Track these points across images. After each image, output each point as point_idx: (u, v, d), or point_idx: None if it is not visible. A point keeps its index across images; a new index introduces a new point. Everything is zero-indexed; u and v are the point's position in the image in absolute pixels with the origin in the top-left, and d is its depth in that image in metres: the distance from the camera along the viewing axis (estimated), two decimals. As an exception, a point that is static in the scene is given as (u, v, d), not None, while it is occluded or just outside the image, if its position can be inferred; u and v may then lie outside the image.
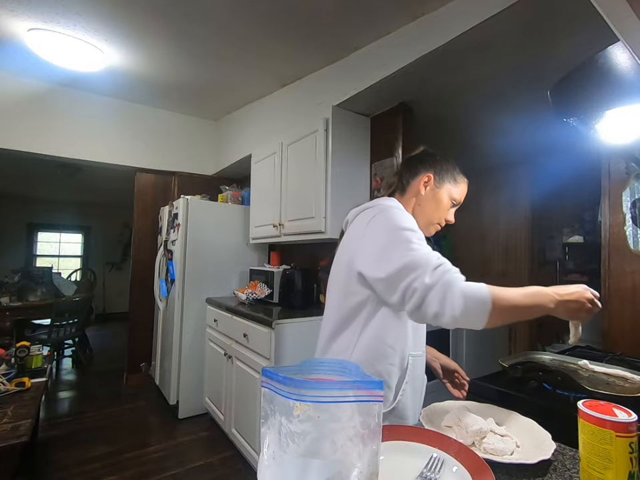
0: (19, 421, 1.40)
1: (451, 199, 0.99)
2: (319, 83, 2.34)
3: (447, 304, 0.67)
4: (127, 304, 3.52)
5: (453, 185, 0.99)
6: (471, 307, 0.67)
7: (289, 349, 1.91)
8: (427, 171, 0.99)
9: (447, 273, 0.71)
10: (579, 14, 1.33)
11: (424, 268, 0.71)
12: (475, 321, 0.68)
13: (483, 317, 0.67)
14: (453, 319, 0.67)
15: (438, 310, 0.68)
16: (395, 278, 0.73)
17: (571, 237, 3.05)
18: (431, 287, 0.69)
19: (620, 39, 0.60)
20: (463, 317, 0.67)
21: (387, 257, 0.77)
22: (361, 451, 0.45)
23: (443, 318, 0.68)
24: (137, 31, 2.09)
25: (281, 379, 0.46)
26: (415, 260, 0.73)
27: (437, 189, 0.98)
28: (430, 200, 0.98)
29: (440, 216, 0.99)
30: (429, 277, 0.70)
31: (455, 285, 0.69)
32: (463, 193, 1.02)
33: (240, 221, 3.04)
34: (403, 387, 0.89)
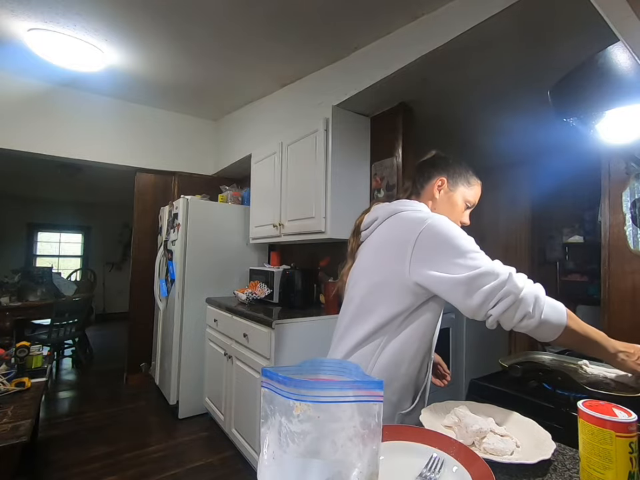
0: (18, 420, 1.40)
1: (465, 202, 1.00)
2: (319, 83, 2.34)
3: (537, 307, 0.71)
4: (126, 304, 3.52)
5: (466, 188, 1.00)
6: (554, 316, 0.72)
7: (289, 349, 1.91)
8: (440, 175, 0.99)
9: (529, 280, 0.76)
10: (578, 14, 1.33)
11: (508, 274, 0.73)
12: (551, 331, 0.73)
13: (559, 329, 0.73)
14: (540, 322, 0.71)
15: (528, 311, 0.71)
16: (477, 282, 0.73)
17: (571, 237, 3.05)
18: (522, 290, 0.72)
19: (620, 39, 0.60)
20: (546, 324, 0.72)
21: (460, 262, 0.76)
22: (361, 451, 0.45)
23: (530, 319, 0.71)
24: (136, 31, 2.09)
25: (281, 379, 0.46)
26: (494, 266, 0.75)
27: (451, 192, 0.99)
28: (445, 203, 0.99)
29: (455, 219, 0.98)
30: (520, 282, 0.73)
31: (542, 291, 0.74)
32: (477, 195, 1.03)
33: (240, 221, 3.04)
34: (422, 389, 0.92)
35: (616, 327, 1.60)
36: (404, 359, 0.85)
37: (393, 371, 0.84)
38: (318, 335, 2.01)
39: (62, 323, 3.52)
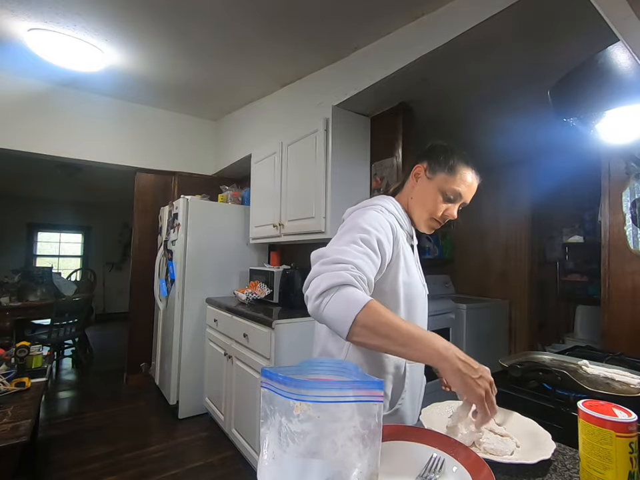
0: (18, 420, 1.40)
1: (446, 190, 0.89)
2: (319, 83, 2.34)
3: (325, 293, 0.64)
4: (127, 304, 3.52)
5: (447, 175, 0.89)
6: (341, 302, 0.63)
7: (288, 349, 1.91)
8: (421, 162, 0.94)
9: (343, 271, 0.66)
10: (578, 14, 1.33)
11: (328, 257, 0.70)
12: (339, 319, 0.63)
13: (348, 318, 0.62)
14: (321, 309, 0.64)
15: (308, 293, 0.67)
16: (313, 259, 0.74)
17: (571, 237, 3.05)
18: (318, 273, 0.68)
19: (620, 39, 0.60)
20: (329, 309, 0.63)
21: (331, 243, 0.78)
22: (361, 451, 0.45)
23: (308, 302, 0.67)
24: (136, 30, 2.09)
25: (281, 379, 0.46)
26: (330, 251, 0.72)
27: (428, 180, 0.92)
28: (421, 192, 0.92)
29: (434, 209, 0.91)
30: (322, 265, 0.69)
31: (341, 279, 0.64)
32: (465, 186, 0.90)
33: (240, 221, 3.04)
34: (402, 395, 0.88)
35: (616, 327, 1.60)
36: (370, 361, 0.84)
37: None
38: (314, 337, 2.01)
39: (62, 323, 3.52)
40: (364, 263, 0.71)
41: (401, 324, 0.63)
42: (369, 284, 0.71)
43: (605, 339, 1.64)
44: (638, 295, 1.53)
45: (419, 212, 0.94)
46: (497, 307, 3.10)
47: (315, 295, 0.65)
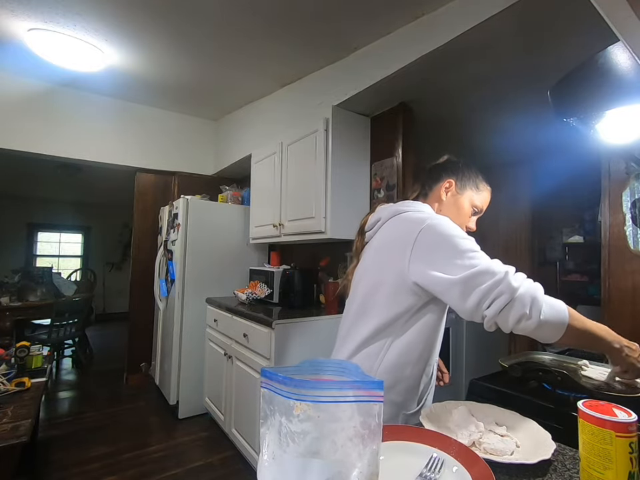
0: (18, 420, 1.40)
1: (473, 206, 0.99)
2: (319, 83, 2.34)
3: (535, 307, 0.68)
4: (127, 304, 3.52)
5: (474, 192, 0.99)
6: (554, 316, 0.69)
7: (288, 349, 1.91)
8: (449, 177, 0.99)
9: (528, 279, 0.72)
10: (578, 14, 1.33)
11: (504, 272, 0.70)
12: (553, 331, 0.70)
13: (561, 329, 0.70)
14: (539, 323, 0.68)
15: (524, 312, 0.68)
16: (472, 282, 0.71)
17: (571, 237, 3.05)
18: (517, 290, 0.69)
19: (620, 39, 0.60)
20: (546, 324, 0.69)
21: (457, 261, 0.74)
22: (361, 451, 0.45)
23: (528, 321, 0.68)
24: (136, 31, 2.09)
25: (281, 379, 0.46)
26: (491, 265, 0.72)
27: (458, 195, 0.98)
28: (451, 206, 0.98)
29: (461, 222, 0.98)
30: (514, 281, 0.69)
31: (540, 290, 0.71)
32: (485, 201, 1.01)
33: (240, 221, 3.04)
34: (428, 391, 0.92)
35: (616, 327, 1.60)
36: (409, 360, 0.85)
37: (399, 372, 0.85)
38: (318, 335, 2.01)
39: (62, 323, 3.52)
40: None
41: (591, 327, 0.74)
42: None
43: (605, 339, 1.64)
44: (638, 295, 1.52)
45: None
46: (497, 307, 3.09)
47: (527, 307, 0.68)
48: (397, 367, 0.84)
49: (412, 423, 0.85)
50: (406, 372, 0.85)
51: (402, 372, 0.85)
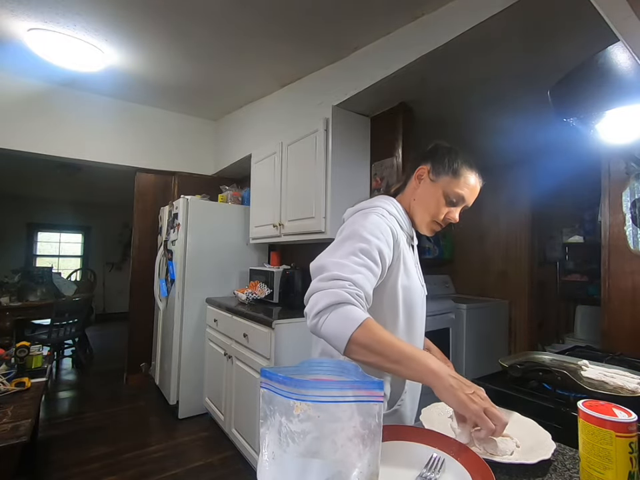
0: (18, 420, 1.40)
1: (446, 195, 0.88)
2: (319, 83, 2.34)
3: (323, 311, 0.65)
4: (127, 304, 3.52)
5: (451, 178, 0.88)
6: (338, 324, 0.64)
7: (288, 349, 1.91)
8: (424, 164, 0.92)
9: (340, 289, 0.66)
10: (578, 14, 1.33)
11: (327, 272, 0.69)
12: (335, 340, 0.65)
13: (344, 336, 0.63)
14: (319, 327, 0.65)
15: (307, 310, 0.68)
16: (312, 278, 0.73)
17: (571, 237, 3.05)
18: (317, 289, 0.68)
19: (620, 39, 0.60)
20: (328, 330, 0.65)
21: (321, 256, 0.76)
22: (361, 451, 0.45)
23: (307, 319, 0.68)
24: (136, 31, 2.09)
25: (281, 379, 0.46)
26: (328, 264, 0.71)
27: (431, 182, 0.90)
28: (425, 194, 0.91)
29: (435, 212, 0.90)
30: (320, 281, 0.69)
31: (338, 297, 0.65)
32: (468, 189, 0.89)
33: (240, 221, 3.04)
34: (402, 397, 0.87)
35: (616, 327, 1.60)
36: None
37: None
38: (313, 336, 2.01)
39: (62, 323, 3.52)
40: (363, 277, 0.71)
41: (394, 342, 0.65)
42: (367, 299, 0.71)
43: (605, 339, 1.64)
44: (638, 295, 1.53)
45: (421, 214, 0.92)
46: (497, 307, 3.10)
47: (313, 313, 0.66)
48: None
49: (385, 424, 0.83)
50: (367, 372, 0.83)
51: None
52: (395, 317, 0.85)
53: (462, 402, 0.60)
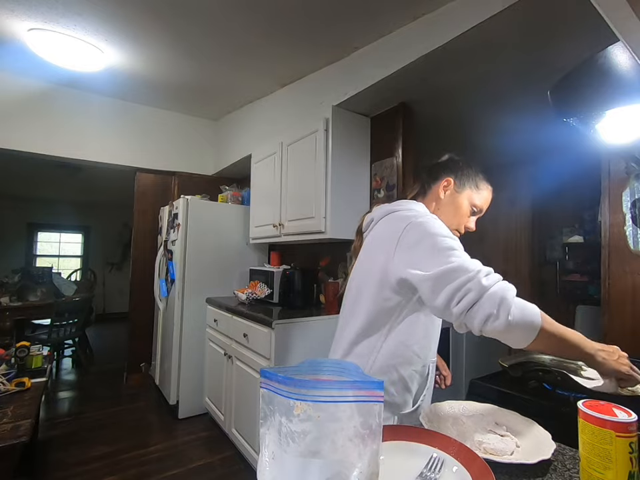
0: (18, 421, 1.40)
1: (472, 205, 0.97)
2: (319, 83, 2.34)
3: (503, 307, 0.65)
4: (127, 304, 3.52)
5: (474, 191, 0.97)
6: (525, 319, 0.65)
7: (288, 349, 1.91)
8: (448, 175, 0.98)
9: (501, 280, 0.70)
10: (578, 14, 1.33)
11: (476, 271, 0.69)
12: (523, 335, 0.66)
13: (532, 333, 0.66)
14: (507, 324, 0.64)
15: (492, 312, 0.65)
16: (444, 278, 0.70)
17: (571, 237, 3.05)
18: (488, 289, 0.67)
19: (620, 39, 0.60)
20: (516, 326, 0.65)
21: (434, 258, 0.74)
22: (361, 451, 0.45)
23: (496, 321, 0.65)
24: (136, 31, 2.09)
25: (281, 379, 0.46)
26: (465, 263, 0.71)
27: (456, 194, 0.97)
28: (449, 205, 0.97)
29: (459, 222, 0.97)
30: (485, 280, 0.68)
31: (511, 292, 0.68)
32: (485, 201, 0.99)
33: (240, 221, 3.04)
34: (424, 392, 0.91)
35: (616, 327, 1.60)
36: (402, 361, 0.85)
37: (392, 373, 0.84)
38: (318, 335, 2.01)
39: (62, 323, 3.52)
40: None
41: (563, 332, 0.70)
42: None
43: (605, 339, 1.64)
44: (638, 295, 1.52)
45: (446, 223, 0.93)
46: (497, 307, 3.09)
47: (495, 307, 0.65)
48: (390, 367, 0.84)
49: (407, 423, 0.85)
50: (399, 372, 0.85)
51: (395, 372, 0.84)
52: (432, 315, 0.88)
53: (614, 369, 0.72)
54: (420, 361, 0.88)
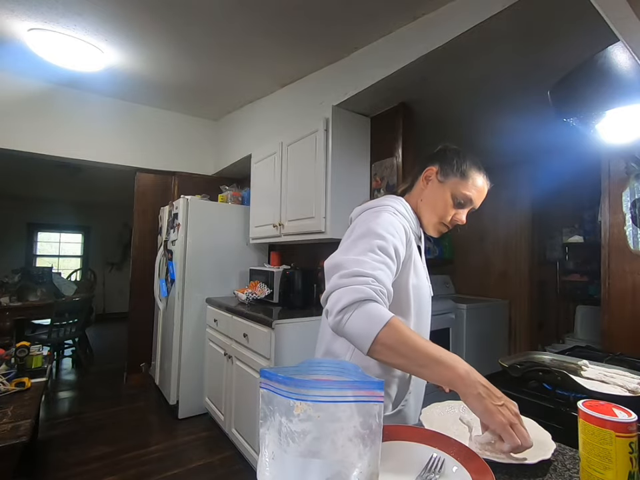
0: (19, 421, 1.40)
1: (454, 196, 0.89)
2: (319, 83, 2.34)
3: (347, 308, 0.63)
4: (126, 304, 3.52)
5: (459, 179, 0.89)
6: (363, 322, 0.62)
7: (288, 349, 1.91)
8: (432, 165, 0.93)
9: (364, 285, 0.64)
10: (578, 14, 1.33)
11: (347, 270, 0.67)
12: (359, 339, 0.63)
13: (369, 336, 0.61)
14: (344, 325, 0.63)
15: (328, 307, 0.66)
16: (327, 276, 0.71)
17: (570, 237, 3.05)
18: (339, 286, 0.65)
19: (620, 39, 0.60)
20: (350, 325, 0.62)
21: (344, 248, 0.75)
22: (361, 451, 0.45)
23: (329, 316, 0.65)
24: (136, 31, 2.09)
25: (281, 379, 0.46)
26: (347, 261, 0.69)
27: (439, 183, 0.90)
28: (432, 195, 0.91)
29: (442, 214, 0.90)
30: (341, 277, 0.66)
31: (362, 294, 0.63)
32: (476, 191, 0.90)
33: (240, 221, 3.04)
34: (405, 397, 0.87)
35: (616, 327, 1.60)
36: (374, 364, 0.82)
37: None
38: (318, 335, 2.01)
39: (62, 323, 3.52)
40: (383, 274, 0.69)
41: (422, 344, 0.62)
42: (389, 295, 0.70)
43: (605, 339, 1.64)
44: (638, 295, 1.52)
45: (428, 215, 0.92)
46: (497, 307, 3.10)
47: (336, 310, 0.64)
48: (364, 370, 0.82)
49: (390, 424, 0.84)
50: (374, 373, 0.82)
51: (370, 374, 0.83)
52: (406, 316, 0.84)
53: (488, 411, 0.58)
54: None
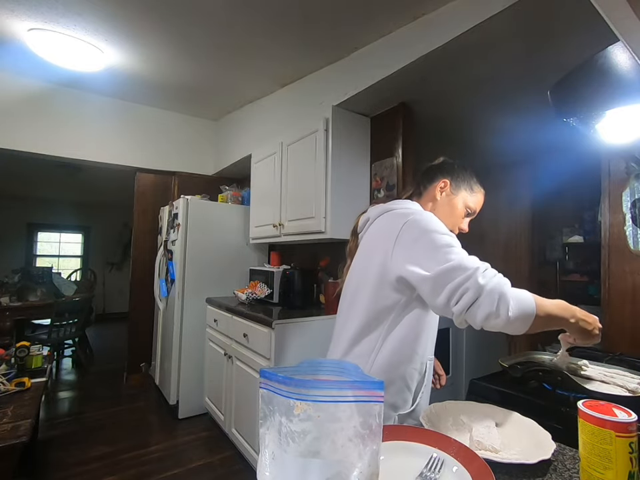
0: (18, 420, 1.40)
1: (466, 207, 1.00)
2: (319, 83, 2.33)
3: (502, 304, 0.67)
4: (127, 304, 3.52)
5: (469, 193, 1.00)
6: (523, 311, 0.68)
7: (288, 349, 1.91)
8: (444, 177, 1.00)
9: (497, 276, 0.71)
10: (579, 14, 1.33)
11: (474, 269, 0.70)
12: (521, 325, 0.69)
13: (528, 322, 0.68)
14: (507, 320, 0.66)
15: (492, 310, 0.67)
16: (443, 278, 0.71)
17: (570, 237, 3.05)
18: (485, 287, 0.68)
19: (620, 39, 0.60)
20: (516, 320, 0.67)
21: (433, 256, 0.75)
22: (361, 451, 0.45)
23: (496, 319, 0.67)
24: (136, 31, 2.09)
25: (281, 379, 0.46)
26: (462, 261, 0.72)
27: (452, 195, 0.99)
28: (445, 206, 0.99)
29: (454, 223, 0.99)
30: (482, 278, 0.69)
31: (507, 287, 0.69)
32: (479, 203, 1.03)
33: (240, 221, 3.04)
34: (422, 389, 0.91)
35: (616, 327, 1.60)
36: (402, 359, 0.85)
37: (392, 372, 0.84)
38: (318, 335, 2.01)
39: (62, 323, 3.52)
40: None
41: (551, 310, 0.72)
42: None
43: (605, 339, 1.64)
44: (638, 295, 1.53)
45: None
46: (497, 307, 3.09)
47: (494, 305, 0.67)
48: (390, 366, 0.84)
49: (407, 423, 0.85)
50: (399, 371, 0.85)
51: (395, 371, 0.85)
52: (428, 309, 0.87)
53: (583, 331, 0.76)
54: (419, 358, 0.88)
